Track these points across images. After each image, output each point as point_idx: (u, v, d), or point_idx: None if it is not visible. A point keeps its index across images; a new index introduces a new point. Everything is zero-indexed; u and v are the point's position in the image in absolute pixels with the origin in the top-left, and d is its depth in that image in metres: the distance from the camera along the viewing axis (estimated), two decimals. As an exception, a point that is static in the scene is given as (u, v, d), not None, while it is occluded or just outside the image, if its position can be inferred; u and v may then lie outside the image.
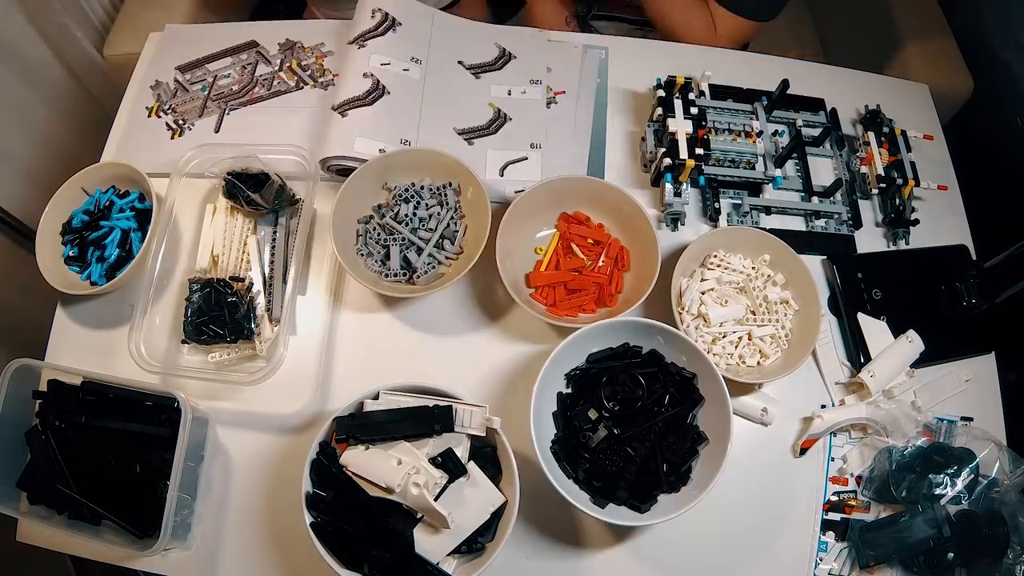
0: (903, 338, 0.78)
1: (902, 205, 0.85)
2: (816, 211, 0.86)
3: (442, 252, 0.81)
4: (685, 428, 0.70)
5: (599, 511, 0.66)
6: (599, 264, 0.80)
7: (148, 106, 0.93)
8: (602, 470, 0.68)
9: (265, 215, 0.83)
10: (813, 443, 0.75)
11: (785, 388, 0.78)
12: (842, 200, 0.87)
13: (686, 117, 0.84)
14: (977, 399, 0.78)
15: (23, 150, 1.08)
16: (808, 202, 0.86)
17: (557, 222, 0.83)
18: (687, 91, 0.87)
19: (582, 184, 0.82)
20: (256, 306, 0.78)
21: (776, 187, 0.86)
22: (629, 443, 0.69)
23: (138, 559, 0.71)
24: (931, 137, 0.89)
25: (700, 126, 0.84)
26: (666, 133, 0.84)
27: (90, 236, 0.81)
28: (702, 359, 0.69)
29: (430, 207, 0.82)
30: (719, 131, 0.88)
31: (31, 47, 1.09)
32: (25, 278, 0.79)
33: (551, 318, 0.75)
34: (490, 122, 0.90)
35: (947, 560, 0.68)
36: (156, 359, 0.76)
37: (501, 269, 0.75)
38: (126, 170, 0.83)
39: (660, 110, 0.86)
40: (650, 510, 0.67)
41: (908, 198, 0.85)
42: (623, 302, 0.78)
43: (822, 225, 0.86)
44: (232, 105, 0.92)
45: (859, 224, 0.86)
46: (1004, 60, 1.04)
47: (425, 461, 0.67)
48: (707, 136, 0.83)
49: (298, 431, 0.76)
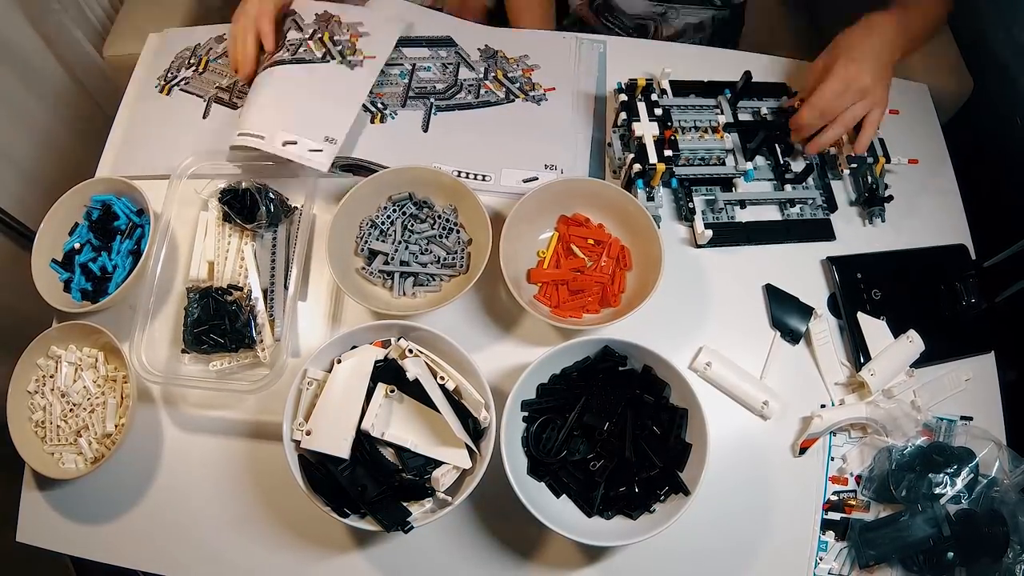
0: (903, 338, 0.78)
1: (875, 183, 0.85)
2: (790, 199, 0.86)
3: (444, 270, 0.81)
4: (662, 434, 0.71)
5: (589, 537, 0.66)
6: (601, 264, 0.80)
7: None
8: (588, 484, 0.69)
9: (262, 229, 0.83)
10: (813, 443, 0.75)
11: (785, 388, 0.78)
12: (815, 184, 0.87)
13: (651, 119, 0.83)
14: (977, 399, 0.78)
15: (23, 151, 1.09)
16: (781, 191, 0.86)
17: (556, 225, 0.83)
18: (649, 92, 0.85)
19: (580, 186, 0.82)
20: (256, 314, 0.78)
21: (748, 180, 0.87)
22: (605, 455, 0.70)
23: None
24: (916, 161, 0.89)
25: (666, 127, 0.83)
26: (632, 137, 0.83)
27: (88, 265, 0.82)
28: (668, 366, 0.70)
29: (429, 224, 0.82)
30: (685, 130, 0.87)
31: (31, 47, 1.09)
32: (25, 278, 0.79)
33: (554, 320, 0.75)
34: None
35: (947, 559, 0.68)
36: (157, 369, 0.76)
37: (505, 272, 0.74)
38: (121, 186, 0.83)
39: (624, 114, 0.86)
40: (642, 517, 0.68)
41: (880, 175, 0.86)
42: (627, 303, 0.78)
43: (797, 212, 0.86)
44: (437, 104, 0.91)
45: (834, 207, 0.87)
46: (1004, 60, 1.04)
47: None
48: (674, 136, 0.82)
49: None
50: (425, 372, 0.70)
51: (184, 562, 0.74)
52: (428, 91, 0.92)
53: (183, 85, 0.94)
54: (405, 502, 0.68)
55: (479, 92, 0.92)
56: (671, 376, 0.71)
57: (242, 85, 0.91)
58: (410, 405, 0.71)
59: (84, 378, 0.78)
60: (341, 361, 0.71)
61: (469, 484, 0.67)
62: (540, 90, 0.92)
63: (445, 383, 0.71)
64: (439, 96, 0.91)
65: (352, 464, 0.68)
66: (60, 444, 0.76)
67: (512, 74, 0.93)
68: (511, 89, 0.92)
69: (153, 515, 0.75)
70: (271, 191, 0.81)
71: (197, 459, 0.77)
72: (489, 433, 0.69)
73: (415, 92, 0.91)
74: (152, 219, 0.81)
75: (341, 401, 0.69)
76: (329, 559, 0.73)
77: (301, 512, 0.73)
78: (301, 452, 0.68)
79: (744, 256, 0.84)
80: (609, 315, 0.78)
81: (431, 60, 0.94)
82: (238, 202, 0.80)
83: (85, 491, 0.76)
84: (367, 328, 0.72)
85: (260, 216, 0.80)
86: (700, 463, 0.67)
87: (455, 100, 0.91)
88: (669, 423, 0.71)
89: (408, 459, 0.69)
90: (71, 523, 0.76)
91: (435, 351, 0.72)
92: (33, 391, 0.79)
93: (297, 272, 0.79)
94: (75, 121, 1.18)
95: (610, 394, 0.71)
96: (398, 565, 0.73)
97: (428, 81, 0.92)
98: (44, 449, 0.77)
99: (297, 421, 0.68)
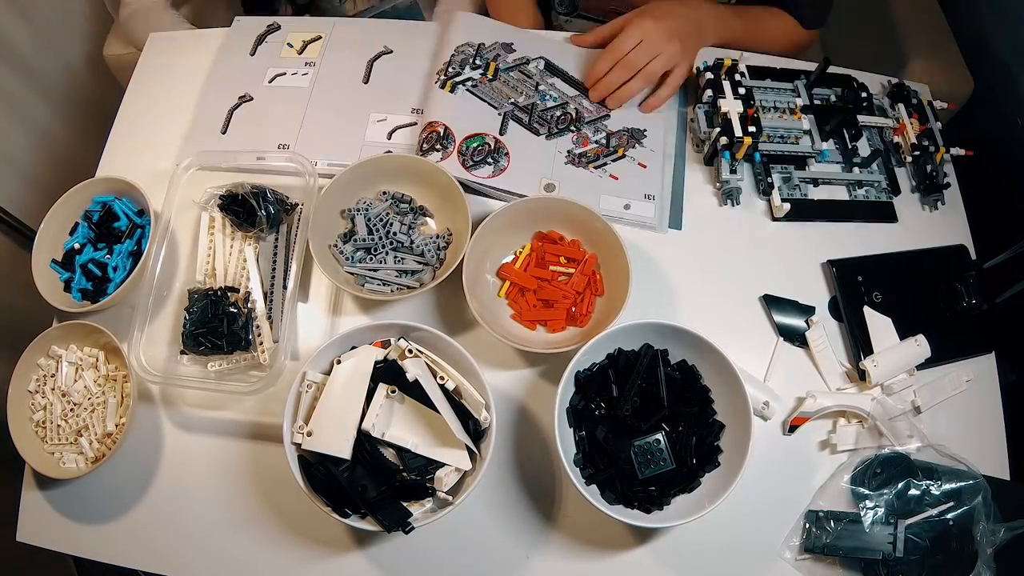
0: (911, 340, 0.78)
1: (935, 171, 0.88)
2: (858, 181, 0.89)
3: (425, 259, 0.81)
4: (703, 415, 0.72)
5: (645, 517, 0.67)
6: (573, 279, 0.80)
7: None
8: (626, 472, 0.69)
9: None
10: (803, 421, 0.76)
11: (786, 388, 0.78)
12: (879, 169, 0.90)
13: (735, 97, 0.87)
14: (977, 400, 0.78)
15: (23, 151, 1.09)
16: (849, 172, 0.89)
17: (531, 240, 0.83)
18: (733, 72, 0.90)
19: (551, 204, 0.81)
20: (255, 315, 0.78)
21: (822, 160, 0.89)
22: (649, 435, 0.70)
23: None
24: (954, 106, 0.93)
25: (749, 105, 0.87)
26: (718, 113, 0.86)
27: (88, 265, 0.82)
28: (714, 351, 0.70)
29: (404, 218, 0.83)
30: (765, 109, 0.90)
31: (31, 47, 1.09)
32: (25, 278, 0.79)
33: (513, 342, 0.74)
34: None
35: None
36: (157, 369, 0.76)
37: (468, 291, 0.74)
38: (121, 185, 0.83)
39: (710, 91, 0.88)
40: (666, 507, 0.68)
41: (940, 163, 0.88)
42: (595, 323, 0.78)
43: (863, 194, 0.89)
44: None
45: (897, 191, 0.89)
46: (1004, 60, 1.04)
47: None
48: (756, 115, 0.86)
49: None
50: (425, 372, 0.70)
51: (185, 562, 0.74)
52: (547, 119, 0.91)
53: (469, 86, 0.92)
54: (406, 502, 0.68)
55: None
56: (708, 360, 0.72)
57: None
58: (411, 405, 0.71)
59: (85, 377, 0.78)
60: (341, 362, 0.71)
61: (470, 484, 0.67)
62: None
63: (445, 383, 0.71)
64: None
65: (352, 464, 0.68)
66: (60, 444, 0.76)
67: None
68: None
69: (154, 514, 0.75)
70: (269, 192, 0.81)
71: (198, 458, 0.77)
72: (490, 434, 0.69)
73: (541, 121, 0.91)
74: (152, 219, 0.81)
75: (341, 401, 0.69)
76: (329, 559, 0.73)
77: (301, 512, 0.73)
78: (301, 453, 0.68)
79: (813, 230, 0.86)
80: (577, 336, 0.78)
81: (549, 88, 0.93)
82: (238, 206, 0.81)
83: (85, 491, 0.76)
84: (366, 328, 0.72)
85: (260, 221, 0.80)
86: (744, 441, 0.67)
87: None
88: (701, 403, 0.72)
89: (409, 459, 0.69)
90: (71, 523, 0.76)
91: (436, 351, 0.72)
92: (34, 391, 0.79)
93: (297, 269, 0.78)
94: (75, 121, 1.18)
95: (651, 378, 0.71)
96: (400, 565, 0.73)
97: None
98: (44, 449, 0.77)
99: (297, 424, 0.68)
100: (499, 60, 0.93)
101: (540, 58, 0.95)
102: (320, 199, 0.79)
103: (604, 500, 0.68)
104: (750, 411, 0.68)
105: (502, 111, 0.90)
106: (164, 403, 0.79)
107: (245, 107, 0.92)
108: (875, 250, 0.84)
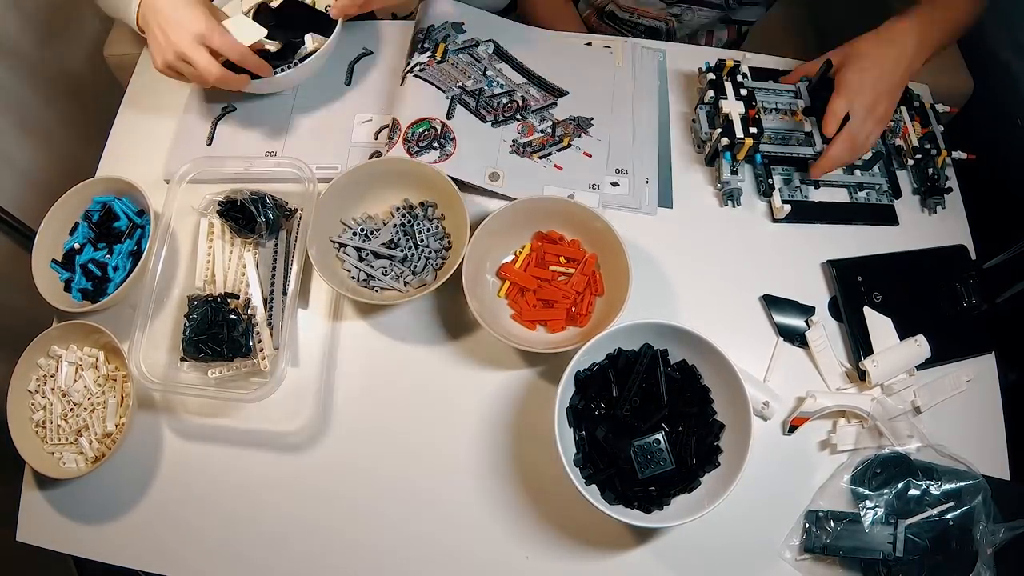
0: (911, 340, 0.78)
1: (936, 174, 0.88)
2: (859, 183, 0.89)
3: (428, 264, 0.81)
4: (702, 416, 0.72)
5: (644, 517, 0.67)
6: (572, 279, 0.80)
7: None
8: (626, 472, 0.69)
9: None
10: (803, 421, 0.76)
11: (785, 388, 0.78)
12: (880, 172, 0.90)
13: (737, 98, 0.87)
14: (977, 400, 0.78)
15: (23, 151, 1.09)
16: (851, 175, 0.89)
17: (531, 240, 0.83)
18: (735, 73, 0.90)
19: (551, 204, 0.81)
20: (255, 322, 0.78)
21: None
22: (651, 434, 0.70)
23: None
24: (956, 110, 0.93)
25: (750, 106, 0.87)
26: (719, 114, 0.87)
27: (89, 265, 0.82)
28: (714, 352, 0.70)
29: (409, 224, 0.82)
30: (766, 111, 0.90)
31: (31, 47, 1.09)
32: (26, 278, 0.79)
33: (514, 342, 0.74)
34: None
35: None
36: (157, 375, 0.76)
37: (468, 292, 0.74)
38: (121, 186, 0.83)
39: (711, 92, 0.88)
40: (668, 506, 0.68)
41: (941, 167, 0.88)
42: (595, 323, 0.78)
43: (864, 196, 0.89)
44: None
45: (899, 194, 0.89)
46: (1004, 60, 1.04)
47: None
48: (757, 116, 0.87)
49: (299, 449, 0.76)
50: None
51: (185, 561, 0.74)
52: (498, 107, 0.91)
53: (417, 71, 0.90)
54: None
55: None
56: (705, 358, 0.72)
57: None
58: None
59: (85, 377, 0.78)
60: None
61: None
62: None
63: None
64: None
65: None
66: (60, 443, 0.76)
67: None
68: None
69: (154, 514, 0.75)
70: (268, 198, 0.81)
71: (197, 458, 0.77)
72: None
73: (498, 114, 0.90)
74: (152, 219, 0.81)
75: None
76: (330, 558, 0.73)
77: (301, 511, 0.74)
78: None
79: (811, 232, 0.87)
80: (577, 336, 0.78)
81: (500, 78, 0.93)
82: (237, 212, 0.81)
83: (85, 491, 0.76)
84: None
85: (259, 227, 0.80)
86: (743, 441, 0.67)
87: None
88: (701, 403, 0.72)
89: None
90: (71, 523, 0.76)
91: None
92: (34, 390, 0.79)
93: (297, 271, 0.78)
94: (75, 121, 1.18)
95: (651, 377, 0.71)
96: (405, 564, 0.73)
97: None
98: (44, 448, 0.77)
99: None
100: (448, 41, 0.92)
101: (490, 41, 0.94)
102: (318, 204, 0.79)
103: (604, 500, 0.67)
104: (750, 411, 0.68)
105: (450, 94, 0.88)
106: (164, 404, 0.79)
107: (229, 117, 0.92)
108: (875, 250, 0.84)
